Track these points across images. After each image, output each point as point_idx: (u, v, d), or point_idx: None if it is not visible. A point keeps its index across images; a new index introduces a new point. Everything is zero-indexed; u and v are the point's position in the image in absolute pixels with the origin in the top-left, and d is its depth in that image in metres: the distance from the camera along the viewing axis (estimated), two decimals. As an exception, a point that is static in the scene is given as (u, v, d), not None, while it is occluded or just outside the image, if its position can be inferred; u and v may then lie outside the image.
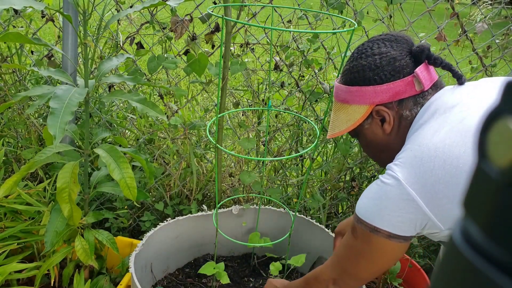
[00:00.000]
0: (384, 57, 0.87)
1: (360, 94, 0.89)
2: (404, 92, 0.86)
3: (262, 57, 1.68)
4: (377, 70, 0.87)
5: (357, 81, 0.90)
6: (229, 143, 1.98)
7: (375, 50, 0.88)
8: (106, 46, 1.87)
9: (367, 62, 0.88)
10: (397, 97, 0.86)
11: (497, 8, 1.64)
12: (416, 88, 0.86)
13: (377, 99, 0.87)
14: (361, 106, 0.90)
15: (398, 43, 0.89)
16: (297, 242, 1.44)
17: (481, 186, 0.19)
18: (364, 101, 0.89)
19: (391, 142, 0.91)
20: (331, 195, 1.72)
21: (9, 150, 1.73)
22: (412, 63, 0.87)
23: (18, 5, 0.84)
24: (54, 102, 0.89)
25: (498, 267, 0.18)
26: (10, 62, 1.62)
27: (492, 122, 0.18)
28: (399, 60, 0.86)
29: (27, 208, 1.29)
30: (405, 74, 0.86)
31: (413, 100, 0.87)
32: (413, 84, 0.86)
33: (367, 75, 0.88)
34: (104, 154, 1.07)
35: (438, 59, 0.87)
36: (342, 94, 0.93)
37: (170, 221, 1.38)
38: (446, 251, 0.21)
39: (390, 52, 0.87)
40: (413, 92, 0.86)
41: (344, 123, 0.93)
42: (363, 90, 0.88)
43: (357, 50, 0.92)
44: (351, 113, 0.92)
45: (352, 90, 0.90)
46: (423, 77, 0.86)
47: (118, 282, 1.35)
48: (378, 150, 0.96)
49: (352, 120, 0.91)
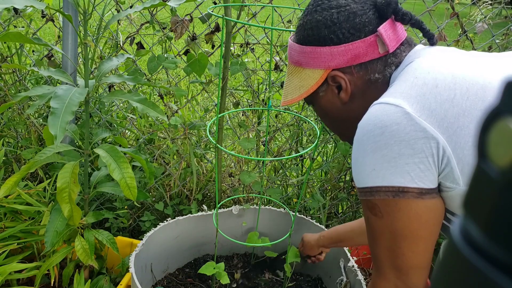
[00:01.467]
0: (343, 11, 0.72)
1: (314, 56, 0.75)
2: (364, 55, 0.72)
3: (262, 57, 1.68)
4: (334, 27, 0.73)
5: (311, 40, 0.75)
6: (229, 143, 1.98)
7: (333, 2, 0.74)
8: (106, 46, 1.87)
9: (323, 17, 0.74)
10: (357, 61, 0.73)
11: (497, 8, 1.64)
12: (380, 50, 0.72)
13: (333, 62, 0.74)
14: (315, 70, 0.76)
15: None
16: (297, 242, 1.44)
17: (481, 186, 0.19)
18: (319, 64, 0.75)
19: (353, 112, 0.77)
20: (331, 195, 1.72)
21: (9, 150, 1.73)
22: (376, 19, 0.72)
23: (19, 4, 0.84)
24: (54, 102, 0.89)
25: (498, 267, 0.18)
26: (10, 62, 1.62)
27: (492, 122, 0.18)
28: (360, 16, 0.72)
29: (27, 208, 1.29)
30: (367, 33, 0.72)
31: (382, 62, 0.73)
32: (376, 45, 0.72)
33: (322, 33, 0.74)
34: (104, 154, 1.07)
35: (407, 15, 0.73)
36: (296, 54, 0.79)
37: (170, 221, 1.38)
38: (446, 251, 0.21)
39: (350, 5, 0.73)
40: (375, 55, 0.72)
41: (297, 90, 0.80)
42: (317, 51, 0.75)
43: (313, 2, 0.78)
44: (304, 78, 0.78)
45: (306, 51, 0.76)
46: (387, 36, 0.72)
47: (118, 282, 1.35)
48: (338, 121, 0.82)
49: (305, 86, 0.78)
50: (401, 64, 0.73)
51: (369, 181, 0.64)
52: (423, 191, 0.61)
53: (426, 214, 0.62)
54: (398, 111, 0.61)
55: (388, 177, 0.61)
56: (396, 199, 0.61)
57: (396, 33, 0.74)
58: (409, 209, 0.61)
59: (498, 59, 0.69)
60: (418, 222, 0.62)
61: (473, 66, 0.65)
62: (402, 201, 0.61)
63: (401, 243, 0.64)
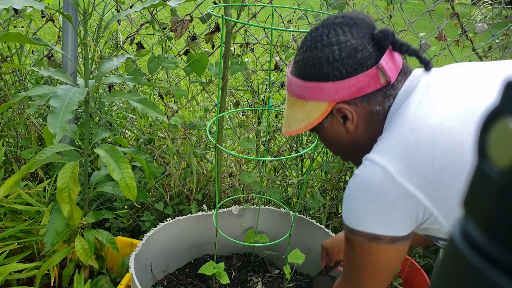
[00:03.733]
0: (344, 47, 0.74)
1: (318, 91, 0.77)
2: (367, 87, 0.75)
3: (262, 57, 1.68)
4: (336, 64, 0.75)
5: (313, 76, 0.77)
6: (229, 143, 1.98)
7: (333, 38, 0.75)
8: (106, 46, 1.87)
9: (324, 54, 0.75)
10: (360, 93, 0.76)
11: (497, 8, 1.64)
12: (381, 81, 0.75)
13: (338, 96, 0.76)
14: (319, 104, 0.78)
15: (358, 27, 0.76)
16: (297, 242, 1.44)
17: (481, 186, 0.19)
18: (323, 98, 0.77)
19: (358, 140, 0.81)
20: (331, 195, 1.72)
21: (9, 150, 1.73)
22: (375, 51, 0.75)
23: (18, 4, 0.84)
24: (54, 101, 0.89)
25: (498, 267, 0.18)
26: (10, 62, 1.62)
27: (492, 122, 0.18)
28: (361, 51, 0.74)
29: (27, 208, 1.29)
30: (368, 66, 0.74)
31: (382, 93, 0.77)
32: (377, 76, 0.75)
33: (324, 69, 0.76)
34: (104, 154, 1.07)
35: (404, 45, 0.76)
36: (297, 89, 0.81)
37: (170, 221, 1.38)
38: (446, 251, 0.21)
39: (350, 41, 0.75)
40: (378, 86, 0.75)
41: (302, 121, 0.82)
42: (321, 86, 0.77)
43: (311, 37, 0.79)
44: (308, 110, 0.80)
45: (309, 86, 0.78)
46: (389, 68, 0.75)
47: (118, 282, 1.35)
48: (343, 149, 0.86)
49: (310, 118, 0.81)
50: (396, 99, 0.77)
51: (352, 222, 0.73)
52: (395, 239, 0.70)
53: (394, 256, 0.72)
54: (383, 172, 0.68)
55: (367, 224, 0.71)
56: (370, 243, 0.71)
57: (395, 62, 0.77)
58: (380, 252, 0.71)
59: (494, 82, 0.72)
60: (386, 262, 0.73)
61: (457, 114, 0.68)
62: (375, 245, 0.71)
63: (368, 275, 0.76)
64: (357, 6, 1.48)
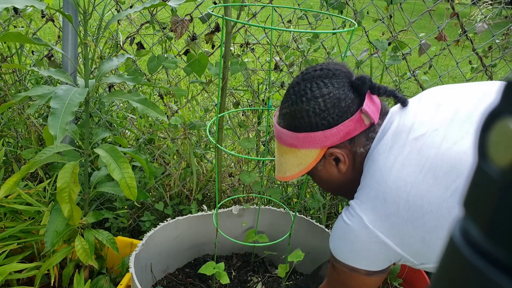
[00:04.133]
0: (328, 99, 0.81)
1: (309, 140, 0.83)
2: (354, 130, 0.82)
3: (262, 57, 1.68)
4: (323, 114, 0.81)
5: (303, 128, 0.83)
6: (229, 143, 1.98)
7: (316, 92, 0.82)
8: (106, 46, 1.87)
9: (311, 107, 0.82)
10: (348, 136, 0.82)
11: (497, 8, 1.64)
12: (366, 123, 0.83)
13: (328, 142, 0.83)
14: (311, 151, 0.85)
15: (337, 78, 0.83)
16: (297, 242, 1.44)
17: (481, 186, 0.19)
18: (315, 145, 0.84)
19: (349, 179, 0.89)
20: (331, 195, 1.72)
21: (9, 150, 1.73)
22: (356, 98, 0.82)
23: (20, 4, 0.84)
24: (54, 102, 0.89)
25: (498, 267, 0.18)
26: (10, 62, 1.62)
27: (492, 122, 0.18)
28: (343, 100, 0.81)
29: (27, 208, 1.29)
30: (352, 112, 0.81)
31: (365, 135, 0.84)
32: (361, 120, 0.82)
33: (313, 120, 0.82)
34: (104, 154, 1.07)
35: (381, 88, 0.83)
36: (288, 139, 0.86)
37: (170, 221, 1.38)
38: (446, 251, 0.21)
39: (332, 92, 0.81)
40: (363, 127, 0.83)
41: (296, 167, 0.88)
42: (311, 136, 0.83)
43: (293, 91, 0.85)
44: (301, 157, 0.86)
45: (299, 137, 0.84)
46: (371, 111, 0.82)
47: (118, 282, 1.35)
48: (335, 187, 0.93)
49: (304, 164, 0.87)
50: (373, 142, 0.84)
51: (336, 254, 0.83)
52: (370, 273, 0.81)
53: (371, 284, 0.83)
54: (359, 222, 0.78)
55: (347, 258, 0.81)
56: (350, 272, 0.82)
57: (375, 104, 0.84)
58: (358, 280, 0.82)
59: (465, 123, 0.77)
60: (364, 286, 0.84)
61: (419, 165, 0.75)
62: (354, 275, 0.82)
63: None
64: (357, 6, 1.48)
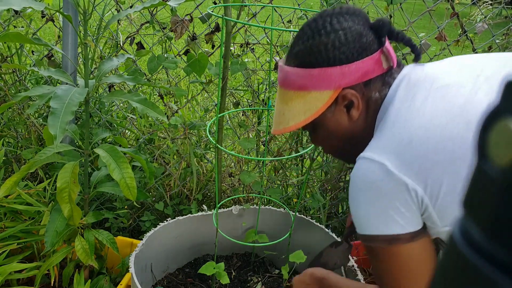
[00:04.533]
0: (349, 32, 0.75)
1: (324, 77, 0.76)
2: (372, 71, 0.76)
3: (262, 57, 1.68)
4: (343, 48, 0.75)
5: (319, 63, 0.76)
6: (229, 143, 1.98)
7: (336, 25, 0.76)
8: (106, 46, 1.87)
9: (330, 40, 0.75)
10: (365, 78, 0.76)
11: (497, 8, 1.64)
12: (384, 66, 0.76)
13: (344, 81, 0.75)
14: (323, 92, 0.77)
15: (357, 16, 0.78)
16: (297, 242, 1.44)
17: (482, 186, 0.19)
18: (328, 85, 0.76)
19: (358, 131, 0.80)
20: (331, 195, 1.72)
21: (9, 150, 1.73)
22: (375, 39, 0.77)
23: (17, 5, 0.84)
24: (54, 102, 0.89)
25: (499, 267, 0.18)
26: (10, 62, 1.62)
27: (492, 122, 0.18)
28: (365, 36, 0.75)
29: (27, 208, 1.29)
30: (372, 51, 0.76)
31: (381, 79, 0.77)
32: (380, 62, 0.76)
33: (331, 54, 0.75)
34: (104, 154, 1.07)
35: (400, 33, 0.79)
36: (299, 80, 0.78)
37: (170, 221, 1.38)
38: (446, 251, 0.21)
39: (354, 26, 0.76)
40: (380, 71, 0.76)
41: (302, 114, 0.79)
42: (327, 72, 0.75)
43: (309, 28, 0.78)
44: (310, 101, 0.78)
45: (313, 74, 0.76)
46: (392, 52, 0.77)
47: (118, 282, 1.35)
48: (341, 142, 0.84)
49: (312, 109, 0.78)
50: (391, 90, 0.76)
51: (366, 229, 0.71)
52: (413, 235, 0.69)
53: (419, 254, 0.70)
54: (380, 168, 0.68)
55: (382, 227, 0.69)
56: (391, 246, 0.69)
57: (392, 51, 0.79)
58: (403, 253, 0.69)
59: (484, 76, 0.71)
60: (413, 262, 0.70)
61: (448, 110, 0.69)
62: (396, 247, 0.69)
63: (401, 281, 0.72)
64: (357, 6, 1.48)
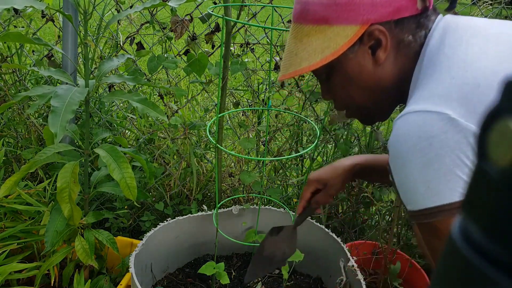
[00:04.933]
0: None
1: (351, 7, 0.64)
2: (406, 9, 0.65)
3: (262, 57, 1.68)
4: None
5: None
6: (229, 143, 1.98)
7: None
8: (106, 46, 1.87)
9: None
10: (398, 15, 0.65)
11: (497, 8, 1.64)
12: (418, 6, 0.66)
13: (374, 15, 0.64)
14: (347, 27, 0.65)
15: None
16: (297, 242, 1.44)
17: (482, 186, 0.19)
18: (355, 18, 0.65)
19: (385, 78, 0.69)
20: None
21: (9, 150, 1.73)
22: None
23: (19, 4, 0.84)
24: (55, 100, 0.90)
25: (499, 267, 0.18)
26: (10, 62, 1.62)
27: (492, 122, 0.18)
28: None
29: (27, 208, 1.29)
30: None
31: (415, 21, 0.66)
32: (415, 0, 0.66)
33: None
34: (104, 154, 1.07)
35: None
36: (321, 10, 0.66)
37: (170, 221, 1.38)
38: (446, 251, 0.21)
39: None
40: (413, 11, 0.65)
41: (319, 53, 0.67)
42: (356, 2, 0.64)
43: None
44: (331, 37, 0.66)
45: (340, 3, 0.65)
46: None
47: (118, 282, 1.35)
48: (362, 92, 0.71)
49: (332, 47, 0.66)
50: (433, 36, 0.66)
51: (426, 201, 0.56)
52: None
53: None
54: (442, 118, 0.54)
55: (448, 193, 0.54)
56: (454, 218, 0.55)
57: None
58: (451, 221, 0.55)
59: None
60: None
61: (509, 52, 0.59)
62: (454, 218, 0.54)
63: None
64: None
